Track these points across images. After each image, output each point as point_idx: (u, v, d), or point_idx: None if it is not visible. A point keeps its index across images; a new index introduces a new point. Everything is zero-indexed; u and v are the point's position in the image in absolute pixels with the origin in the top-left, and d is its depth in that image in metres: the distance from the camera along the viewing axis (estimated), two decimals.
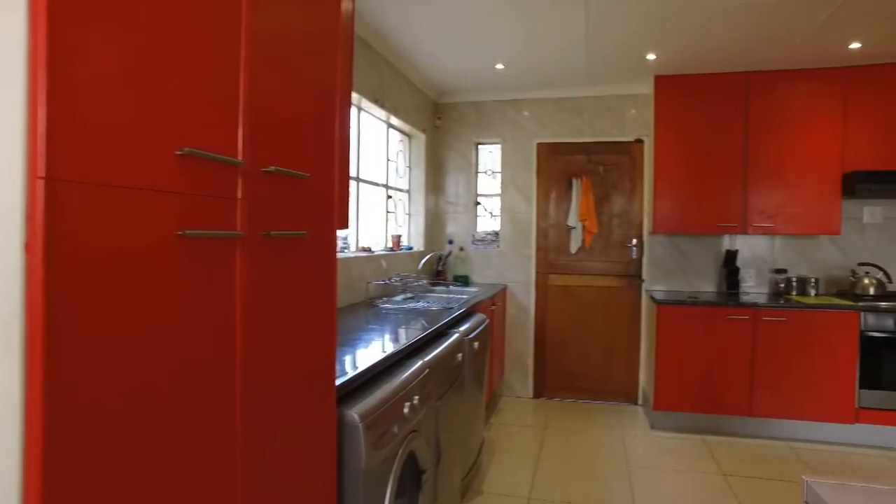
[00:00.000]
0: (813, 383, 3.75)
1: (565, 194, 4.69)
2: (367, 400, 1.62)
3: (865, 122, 3.90)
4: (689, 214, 4.11)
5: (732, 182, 4.06)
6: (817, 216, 3.97)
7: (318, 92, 1.37)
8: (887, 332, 3.68)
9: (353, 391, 1.66)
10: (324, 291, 1.39)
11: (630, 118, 4.58)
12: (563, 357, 4.73)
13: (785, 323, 3.76)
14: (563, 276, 4.71)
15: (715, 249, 4.42)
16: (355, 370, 1.69)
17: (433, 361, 2.21)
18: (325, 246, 1.40)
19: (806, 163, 3.98)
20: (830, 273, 4.29)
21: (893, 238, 4.22)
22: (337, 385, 1.52)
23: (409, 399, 1.86)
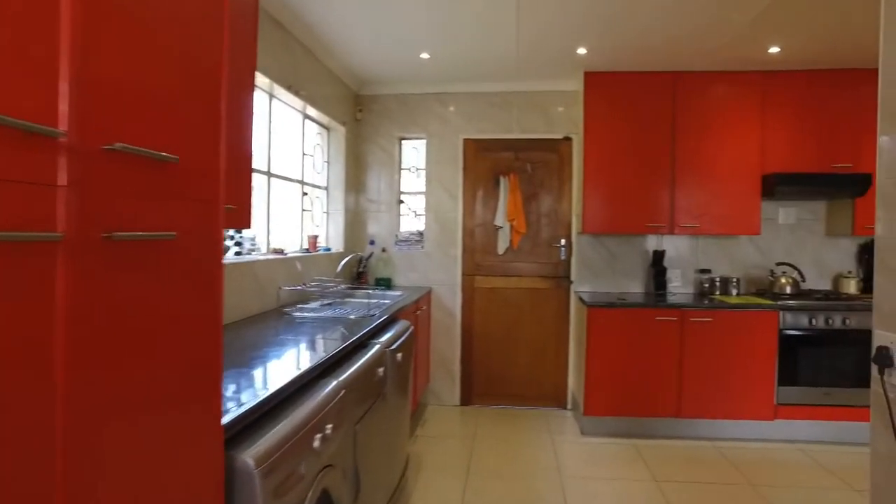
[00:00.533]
0: (736, 382, 3.77)
1: (493, 193, 4.51)
2: (265, 438, 1.32)
3: (781, 126, 3.98)
4: (618, 214, 4.04)
5: (661, 182, 4.03)
6: (739, 217, 4.01)
7: (195, 65, 1.06)
8: (802, 329, 3.75)
9: (248, 427, 1.36)
10: (203, 306, 1.09)
11: (559, 115, 4.47)
12: (490, 362, 4.55)
13: (711, 323, 3.75)
14: (491, 278, 4.54)
15: (642, 249, 4.39)
16: (253, 400, 1.39)
17: (350, 380, 1.94)
18: (205, 250, 1.10)
19: (729, 164, 4.01)
20: (750, 272, 4.36)
21: (805, 238, 4.34)
22: (225, 423, 1.21)
23: (321, 429, 1.58)
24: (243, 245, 2.98)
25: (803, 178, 3.85)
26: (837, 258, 4.35)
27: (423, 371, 4.20)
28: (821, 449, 3.68)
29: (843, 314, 3.74)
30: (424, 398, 4.55)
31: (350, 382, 1.93)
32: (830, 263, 4.35)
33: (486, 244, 4.55)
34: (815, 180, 3.84)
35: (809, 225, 4.34)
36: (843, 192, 3.88)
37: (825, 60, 3.80)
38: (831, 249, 4.35)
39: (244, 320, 2.64)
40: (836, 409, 3.76)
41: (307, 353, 1.98)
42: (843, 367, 3.76)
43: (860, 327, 3.75)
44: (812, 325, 3.75)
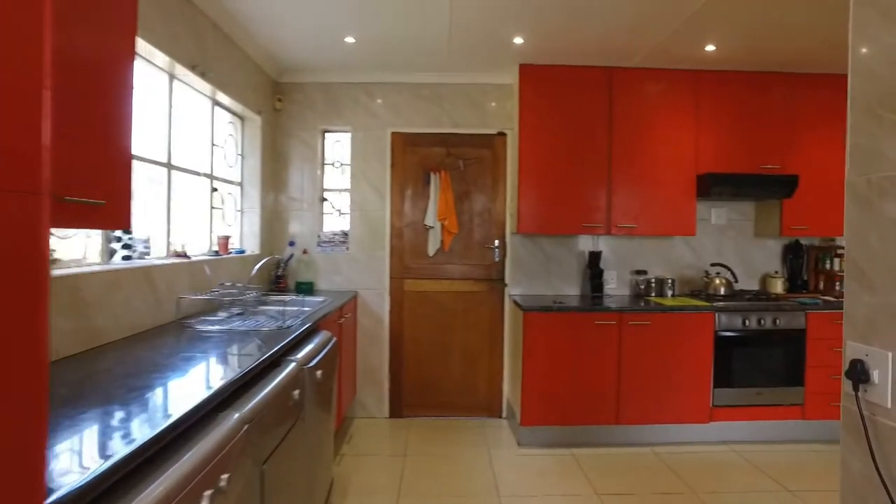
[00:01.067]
0: (674, 386, 3.69)
1: (423, 190, 4.24)
2: None
3: (714, 126, 3.95)
4: (554, 214, 3.88)
5: (597, 181, 3.90)
6: (676, 217, 3.94)
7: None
8: (737, 331, 3.72)
9: (105, 494, 1.01)
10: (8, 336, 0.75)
11: (493, 110, 4.26)
12: (422, 370, 4.28)
13: (649, 326, 3.65)
14: (421, 281, 4.27)
15: (577, 251, 4.26)
16: (102, 461, 1.04)
17: (257, 411, 1.61)
18: (16, 257, 0.76)
19: (665, 163, 3.93)
20: (684, 273, 4.33)
21: (735, 238, 4.36)
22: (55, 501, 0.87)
23: (213, 483, 1.25)
24: (134, 248, 2.55)
25: (737, 178, 3.83)
26: (764, 258, 4.39)
27: (348, 383, 3.87)
28: (753, 449, 3.66)
29: (774, 314, 3.74)
30: (351, 411, 4.22)
31: (256, 413, 1.60)
32: (758, 263, 4.39)
33: (415, 245, 4.27)
34: (749, 181, 3.83)
35: (739, 225, 4.36)
36: (772, 193, 3.89)
37: (758, 62, 3.79)
38: (758, 250, 4.38)
39: (133, 337, 2.23)
40: (767, 408, 3.76)
41: (202, 380, 1.63)
42: (773, 367, 3.76)
43: (789, 327, 3.76)
44: (745, 326, 3.72)
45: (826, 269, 4.25)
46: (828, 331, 3.80)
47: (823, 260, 4.27)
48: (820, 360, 3.80)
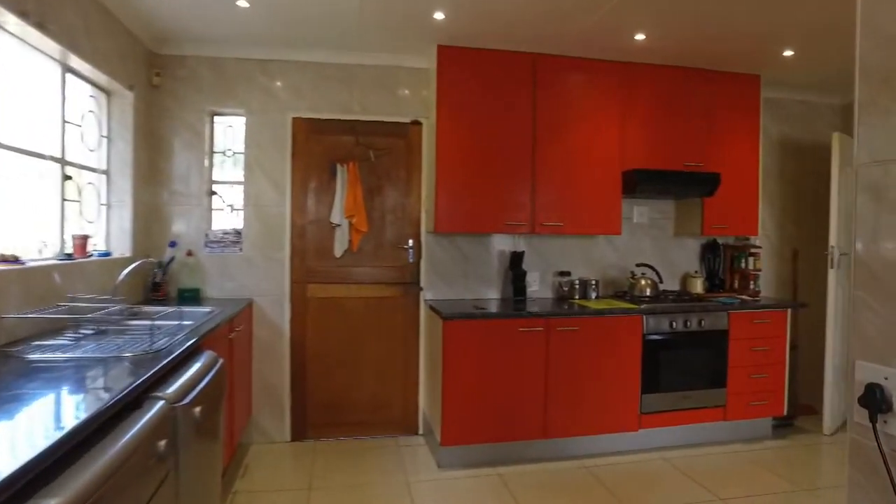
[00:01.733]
0: (603, 394, 3.47)
1: (328, 184, 3.77)
2: None
3: (639, 121, 3.79)
4: (474, 211, 3.54)
5: (521, 176, 3.61)
6: (602, 215, 3.74)
7: None
8: (664, 333, 3.58)
9: None
10: None
11: (408, 95, 3.86)
12: (328, 385, 3.81)
13: (577, 332, 3.41)
14: (327, 286, 3.79)
15: (498, 251, 3.96)
16: None
17: (96, 486, 1.11)
18: None
19: (592, 158, 3.72)
20: (607, 274, 4.16)
21: (657, 238, 4.25)
22: None
23: None
24: None
25: (664, 175, 3.69)
26: (684, 258, 4.32)
27: (242, 405, 3.33)
28: (681, 455, 3.54)
29: (699, 315, 3.64)
30: (246, 436, 3.66)
31: (95, 489, 1.10)
32: (678, 263, 4.31)
33: (320, 246, 3.79)
34: (675, 178, 3.70)
35: (660, 224, 4.26)
36: (696, 191, 3.79)
37: (684, 55, 3.67)
38: (678, 249, 4.31)
39: None
40: (693, 411, 3.65)
41: (10, 446, 1.11)
42: (698, 369, 3.65)
43: (713, 328, 3.67)
44: (672, 329, 3.59)
45: (741, 268, 4.25)
46: (747, 331, 3.75)
47: (739, 259, 4.25)
48: (740, 360, 3.74)
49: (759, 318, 3.77)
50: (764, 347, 3.79)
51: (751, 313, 3.75)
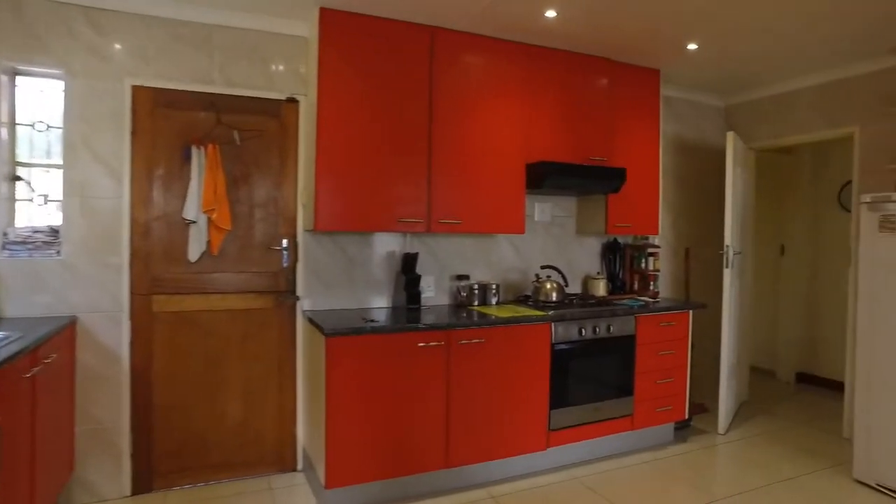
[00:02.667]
0: (509, 413, 3.09)
1: (181, 171, 3.04)
2: None
3: (543, 110, 3.48)
4: (361, 206, 3.01)
5: (416, 166, 3.13)
6: (505, 212, 3.37)
7: None
8: (573, 342, 3.28)
9: None
10: None
11: (283, 68, 3.23)
12: (182, 420, 3.07)
13: (482, 345, 3.00)
14: (179, 298, 3.06)
15: (388, 252, 3.45)
16: None
17: None
18: None
19: (494, 149, 3.33)
20: (508, 277, 3.80)
21: (559, 237, 3.98)
22: None
23: None
24: None
25: (572, 168, 3.38)
26: (585, 258, 4.10)
27: (57, 460, 2.53)
28: (591, 472, 3.26)
29: (608, 321, 3.39)
30: (63, 501, 2.83)
31: None
32: (579, 264, 4.07)
33: (170, 248, 3.05)
34: (584, 172, 3.42)
35: (562, 223, 3.99)
36: (603, 187, 3.55)
37: (590, 42, 3.40)
38: (579, 249, 4.07)
39: None
40: (602, 423, 3.39)
41: None
42: (607, 378, 3.40)
43: (621, 333, 3.44)
44: (582, 336, 3.30)
45: (641, 269, 4.10)
46: (654, 334, 3.57)
47: (639, 259, 4.10)
48: (647, 365, 3.55)
49: (665, 321, 3.61)
50: (670, 351, 3.63)
51: (657, 316, 3.57)
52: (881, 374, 3.11)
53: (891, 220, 3.08)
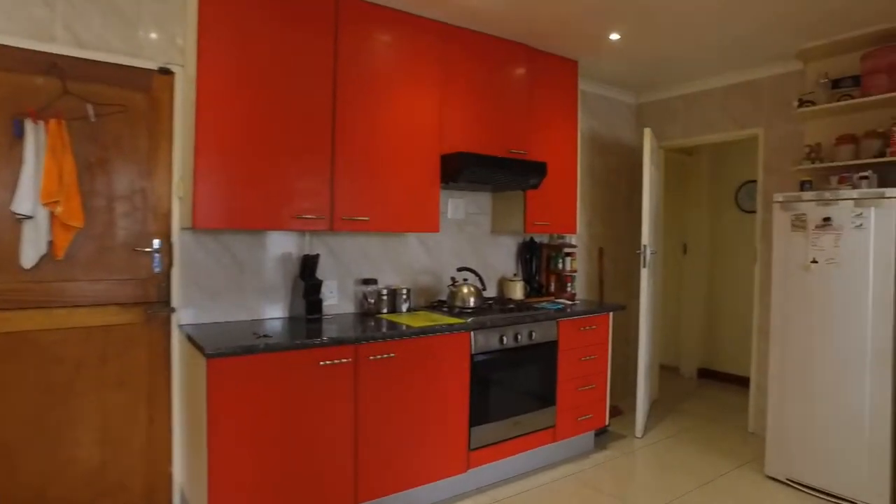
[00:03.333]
0: (425, 435, 2.74)
1: (9, 151, 2.39)
2: None
3: (459, 97, 3.16)
4: (250, 199, 2.52)
5: (317, 154, 2.69)
6: (418, 208, 3.02)
7: None
8: (494, 351, 2.99)
9: None
10: None
11: (154, 31, 2.65)
12: (13, 471, 2.41)
13: (394, 360, 2.62)
14: (7, 315, 2.40)
15: (283, 254, 2.98)
16: None
17: None
18: None
19: (406, 137, 2.96)
20: (419, 280, 3.45)
21: (474, 236, 3.69)
22: None
23: None
24: None
25: (492, 161, 3.08)
26: (501, 259, 3.84)
27: None
28: (513, 491, 2.99)
29: (530, 327, 3.14)
30: None
31: None
32: (495, 265, 3.81)
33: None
34: (505, 165, 3.13)
35: (476, 220, 3.70)
36: (522, 181, 3.28)
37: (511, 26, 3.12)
38: (494, 249, 3.80)
39: None
40: (524, 438, 3.14)
41: None
42: (530, 388, 3.15)
43: (544, 340, 3.20)
44: (503, 345, 3.02)
45: (558, 270, 3.91)
46: (576, 339, 3.38)
47: (556, 259, 3.91)
48: (569, 372, 3.35)
49: (586, 325, 3.43)
50: (591, 356, 3.46)
51: (578, 320, 3.38)
52: (794, 370, 3.10)
53: (801, 220, 3.07)
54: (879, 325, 2.81)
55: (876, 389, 2.82)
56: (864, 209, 2.85)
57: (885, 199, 2.80)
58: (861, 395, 2.86)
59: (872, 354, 2.82)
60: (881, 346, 2.80)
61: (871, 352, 2.83)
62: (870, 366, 2.83)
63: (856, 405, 2.88)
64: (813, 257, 3.01)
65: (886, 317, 2.79)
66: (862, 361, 2.85)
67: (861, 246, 2.86)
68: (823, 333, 2.99)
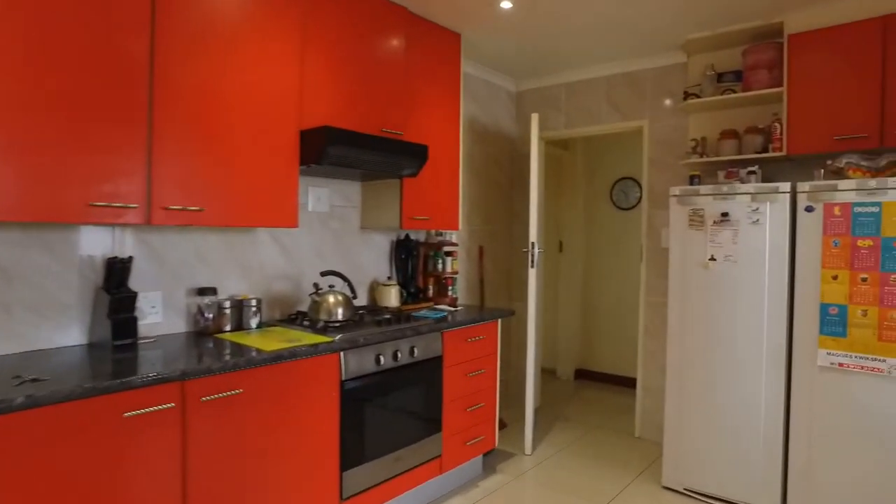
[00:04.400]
0: (283, 491, 2.10)
1: None
2: None
3: (326, 62, 2.54)
4: (26, 179, 1.72)
5: (127, 121, 1.93)
6: (269, 197, 2.35)
7: None
8: (369, 375, 2.42)
9: None
10: None
11: None
12: None
13: (240, 397, 1.96)
14: None
15: (81, 257, 2.16)
16: None
17: None
18: None
19: (254, 103, 2.29)
20: (273, 288, 2.78)
21: (341, 233, 3.08)
22: None
23: None
24: None
25: (365, 140, 2.50)
26: (372, 259, 3.27)
27: None
28: None
29: (411, 342, 2.61)
30: None
31: None
32: (365, 267, 3.24)
33: None
34: (381, 146, 2.56)
35: (343, 214, 3.10)
36: (399, 166, 2.74)
37: None
38: (364, 248, 3.23)
39: None
40: (408, 474, 2.60)
41: None
42: (411, 415, 2.63)
43: (427, 356, 2.70)
44: (380, 365, 2.46)
45: (437, 271, 3.43)
46: (462, 352, 2.92)
47: (435, 259, 3.43)
48: (456, 391, 2.89)
49: (474, 335, 2.98)
50: (479, 370, 3.02)
51: (465, 330, 2.92)
52: (693, 374, 2.91)
53: (699, 215, 2.88)
54: (774, 324, 2.68)
55: (770, 391, 2.69)
56: (760, 204, 2.71)
57: (778, 193, 2.67)
58: (757, 396, 2.72)
59: (767, 355, 2.69)
60: (775, 346, 2.67)
61: (766, 352, 2.69)
62: (765, 366, 2.70)
63: (752, 408, 2.73)
64: (712, 254, 2.83)
65: (780, 315, 2.66)
66: (758, 362, 2.71)
67: (758, 242, 2.71)
68: (722, 335, 2.82)
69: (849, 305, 2.51)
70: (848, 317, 2.50)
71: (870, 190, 2.46)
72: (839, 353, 2.52)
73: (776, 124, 3.00)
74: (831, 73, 2.79)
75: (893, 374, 2.41)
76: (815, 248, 2.58)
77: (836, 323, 2.53)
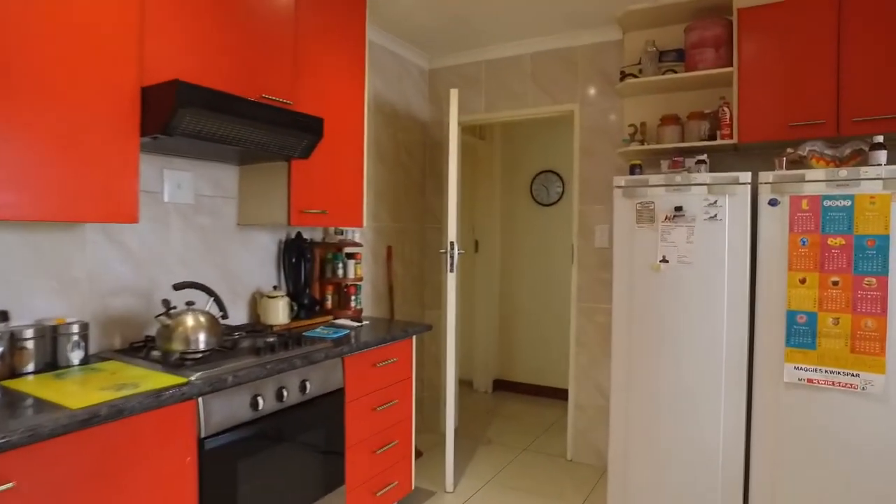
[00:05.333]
0: None
1: None
2: None
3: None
4: None
5: None
6: (94, 179, 1.64)
7: None
8: (241, 425, 1.77)
9: None
10: None
11: None
12: None
13: (18, 492, 1.25)
14: None
15: None
16: None
17: None
18: None
19: (69, 47, 1.56)
20: (111, 307, 2.03)
21: (212, 231, 2.38)
22: None
23: None
24: None
25: (234, 103, 1.83)
26: (254, 264, 2.59)
27: None
28: None
29: (302, 373, 1.98)
30: None
31: None
32: (246, 274, 2.55)
33: None
34: (258, 113, 1.90)
35: (215, 207, 2.40)
36: (284, 143, 2.09)
37: None
38: (241, 251, 2.54)
39: None
40: None
41: None
42: (304, 470, 2.00)
43: (323, 391, 2.08)
44: (258, 411, 1.81)
45: (337, 278, 2.81)
46: (368, 381, 2.33)
47: (334, 263, 2.81)
48: (361, 431, 2.29)
49: (383, 359, 2.40)
50: (391, 401, 2.44)
51: (371, 353, 2.33)
52: (641, 394, 2.50)
53: (649, 210, 2.48)
54: (734, 335, 2.32)
55: (730, 412, 2.33)
56: (717, 196, 2.34)
57: (738, 185, 2.31)
58: (715, 419, 2.35)
59: (727, 371, 2.33)
60: (736, 360, 2.31)
61: (726, 368, 2.33)
62: (724, 384, 2.33)
63: (709, 433, 2.36)
64: (663, 255, 2.43)
65: (741, 325, 2.31)
66: (716, 380, 2.35)
67: (716, 240, 2.34)
68: (675, 349, 2.43)
69: (818, 313, 2.18)
70: (818, 325, 2.18)
71: (840, 181, 2.15)
72: (808, 368, 2.20)
73: (724, 108, 2.66)
74: (786, 52, 2.48)
75: (868, 389, 2.10)
76: (781, 248, 2.24)
77: (805, 333, 2.20)
